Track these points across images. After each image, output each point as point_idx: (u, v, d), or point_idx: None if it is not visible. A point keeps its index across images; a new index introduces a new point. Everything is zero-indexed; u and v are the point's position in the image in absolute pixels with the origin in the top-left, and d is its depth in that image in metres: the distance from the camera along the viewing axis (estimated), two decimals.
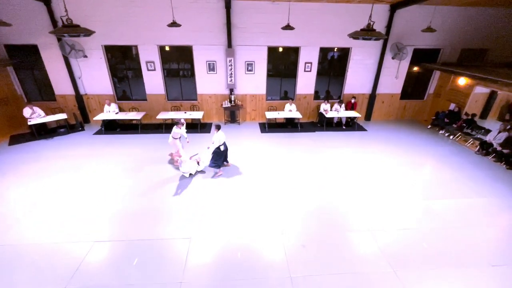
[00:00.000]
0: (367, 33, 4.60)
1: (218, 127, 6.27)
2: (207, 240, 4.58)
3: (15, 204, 5.42)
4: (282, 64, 10.10)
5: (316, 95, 10.54)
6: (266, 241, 4.57)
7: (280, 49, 9.63)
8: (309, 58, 9.66)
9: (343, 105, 10.02)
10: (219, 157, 6.45)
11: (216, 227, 4.89)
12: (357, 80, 10.23)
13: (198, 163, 6.75)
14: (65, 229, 4.77)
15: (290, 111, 9.79)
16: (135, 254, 4.26)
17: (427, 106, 11.00)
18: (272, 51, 9.57)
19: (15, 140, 8.44)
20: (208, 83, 9.79)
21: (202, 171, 6.77)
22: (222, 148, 6.35)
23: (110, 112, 9.25)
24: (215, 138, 6.26)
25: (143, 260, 4.16)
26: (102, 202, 5.53)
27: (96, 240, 4.53)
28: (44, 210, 5.27)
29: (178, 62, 9.76)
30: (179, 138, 6.80)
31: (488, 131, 8.19)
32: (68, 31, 4.26)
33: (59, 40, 8.53)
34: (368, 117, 10.88)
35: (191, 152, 7.22)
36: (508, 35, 9.74)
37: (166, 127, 9.51)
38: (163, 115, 9.36)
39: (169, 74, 9.83)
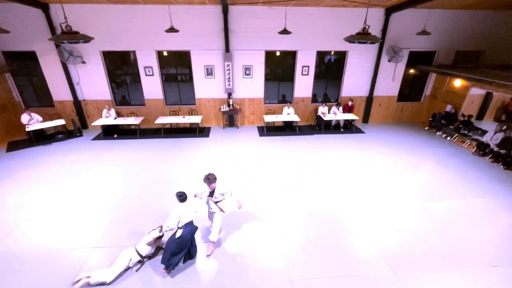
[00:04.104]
0: (362, 36, 4.66)
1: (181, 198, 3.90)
2: (207, 244, 4.56)
3: (13, 210, 5.39)
4: (279, 68, 10.17)
5: (314, 98, 10.60)
6: (266, 245, 4.56)
7: (278, 53, 9.71)
8: (306, 61, 9.74)
9: (340, 108, 10.08)
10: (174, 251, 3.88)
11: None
12: (354, 83, 10.31)
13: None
14: (63, 235, 4.74)
15: (288, 114, 9.83)
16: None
17: (424, 108, 11.08)
18: (269, 55, 9.64)
19: (13, 146, 8.41)
20: (206, 88, 9.83)
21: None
22: (179, 233, 3.88)
23: (111, 115, 9.25)
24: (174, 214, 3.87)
25: (143, 265, 4.13)
26: (101, 208, 5.50)
27: (95, 246, 4.51)
28: (42, 216, 5.24)
29: (176, 67, 9.80)
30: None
31: (484, 132, 8.25)
32: (67, 37, 4.29)
33: (57, 46, 8.57)
34: (365, 119, 10.94)
35: None
36: (502, 37, 9.88)
37: (164, 132, 9.53)
38: (162, 120, 9.38)
39: (167, 79, 9.87)
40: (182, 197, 3.94)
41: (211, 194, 4.12)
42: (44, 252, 4.38)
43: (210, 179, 4.00)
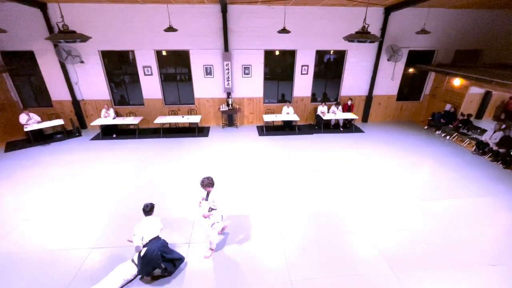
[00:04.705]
0: (361, 35, 4.65)
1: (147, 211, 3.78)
2: (206, 244, 4.55)
3: (12, 211, 5.36)
4: (279, 67, 10.14)
5: (313, 98, 10.59)
6: (266, 245, 4.55)
7: (277, 53, 9.69)
8: (305, 61, 9.72)
9: (340, 107, 10.07)
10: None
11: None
12: (353, 82, 10.29)
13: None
14: (62, 236, 4.72)
15: (288, 113, 9.82)
16: None
17: (423, 107, 11.08)
18: (268, 54, 9.62)
19: (12, 146, 8.38)
20: (205, 87, 9.81)
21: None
22: (143, 251, 3.68)
23: (110, 115, 9.21)
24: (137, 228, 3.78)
25: None
26: (100, 208, 5.48)
27: (93, 246, 4.49)
28: (41, 216, 5.21)
29: (175, 67, 9.77)
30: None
31: (484, 131, 8.26)
32: (64, 37, 4.26)
33: (55, 46, 8.53)
34: (365, 118, 10.93)
35: None
36: (502, 36, 9.88)
37: (163, 131, 9.51)
38: (161, 120, 9.35)
39: (166, 79, 9.84)
40: (146, 209, 3.67)
41: (206, 197, 4.09)
42: (43, 252, 4.36)
43: (204, 182, 3.93)
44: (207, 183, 3.93)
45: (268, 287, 3.80)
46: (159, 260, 3.72)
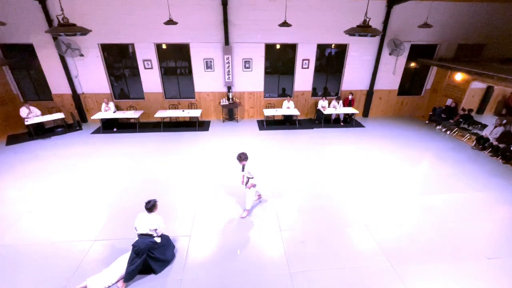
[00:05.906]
0: (363, 29, 4.61)
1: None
2: (207, 237, 4.62)
3: (14, 204, 5.42)
4: (279, 61, 10.07)
5: (314, 92, 10.55)
6: (266, 238, 4.61)
7: (278, 46, 9.61)
8: (306, 55, 9.65)
9: (340, 102, 10.04)
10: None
11: (216, 224, 4.91)
12: (354, 76, 10.24)
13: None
14: (64, 229, 4.78)
15: (288, 108, 9.80)
16: None
17: (425, 101, 11.04)
18: (269, 48, 9.54)
19: (13, 140, 8.41)
20: (205, 81, 9.77)
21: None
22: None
23: (111, 109, 9.21)
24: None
25: None
26: (101, 201, 5.54)
27: (95, 239, 4.55)
28: (42, 209, 5.27)
29: (175, 60, 9.71)
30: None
31: (484, 126, 8.25)
32: (64, 30, 4.23)
33: (55, 39, 8.46)
34: (366, 113, 10.91)
35: None
36: (505, 30, 9.76)
37: (164, 125, 9.51)
38: (161, 114, 9.34)
39: (166, 72, 9.79)
40: (146, 206, 3.73)
41: (242, 169, 4.79)
42: (45, 245, 4.43)
43: (241, 157, 4.62)
44: (244, 158, 4.64)
45: (268, 278, 3.86)
46: (142, 256, 3.71)
